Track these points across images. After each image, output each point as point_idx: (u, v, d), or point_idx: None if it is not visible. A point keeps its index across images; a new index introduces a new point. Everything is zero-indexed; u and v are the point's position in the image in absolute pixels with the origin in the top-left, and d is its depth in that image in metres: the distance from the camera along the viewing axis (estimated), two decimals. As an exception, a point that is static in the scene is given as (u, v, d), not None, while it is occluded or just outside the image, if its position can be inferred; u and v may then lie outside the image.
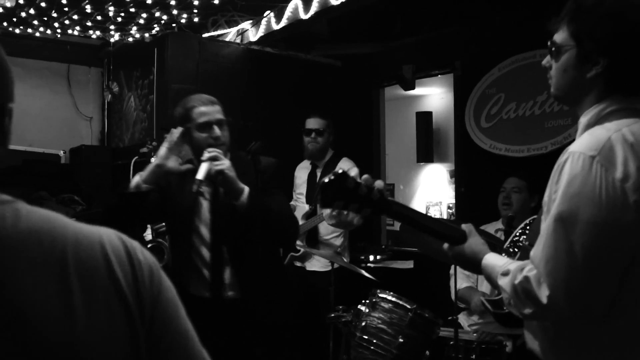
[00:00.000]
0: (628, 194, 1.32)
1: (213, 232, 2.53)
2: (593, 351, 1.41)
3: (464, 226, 1.66)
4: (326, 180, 1.54)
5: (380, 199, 1.58)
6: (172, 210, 2.59)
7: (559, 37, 1.52)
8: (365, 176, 1.57)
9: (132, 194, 2.42)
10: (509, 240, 1.85)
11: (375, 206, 1.57)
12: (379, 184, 1.58)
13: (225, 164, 2.36)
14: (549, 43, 1.55)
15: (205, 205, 2.56)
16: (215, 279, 2.50)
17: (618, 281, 1.35)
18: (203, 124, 2.49)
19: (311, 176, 4.19)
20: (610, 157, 1.35)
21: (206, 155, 2.37)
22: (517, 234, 1.90)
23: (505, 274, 1.48)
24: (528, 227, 1.86)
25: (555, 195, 1.39)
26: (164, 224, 3.82)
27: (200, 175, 2.31)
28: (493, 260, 1.57)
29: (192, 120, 2.51)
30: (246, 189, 2.40)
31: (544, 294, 1.36)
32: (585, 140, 1.41)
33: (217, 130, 2.49)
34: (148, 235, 3.96)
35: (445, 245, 1.69)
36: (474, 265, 1.62)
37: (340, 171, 1.55)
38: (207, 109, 2.52)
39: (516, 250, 1.75)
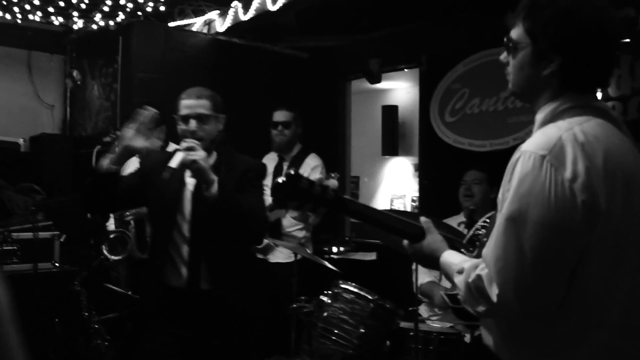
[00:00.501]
0: (576, 194, 1.32)
1: (193, 226, 2.55)
2: (544, 348, 1.42)
3: (423, 221, 1.66)
4: (279, 181, 1.54)
5: (336, 197, 1.58)
6: (156, 201, 2.61)
7: (515, 33, 1.52)
8: (318, 176, 1.58)
9: (102, 174, 2.45)
10: (470, 234, 1.84)
11: (331, 205, 1.58)
12: (332, 183, 1.60)
13: (199, 155, 2.38)
14: (505, 39, 1.56)
15: (188, 198, 2.58)
16: (192, 272, 2.52)
17: (566, 281, 1.37)
18: (184, 116, 2.57)
19: (277, 169, 4.18)
20: (560, 157, 1.35)
21: (183, 145, 2.42)
22: (478, 227, 1.92)
23: (460, 272, 1.48)
24: (487, 222, 1.88)
25: (508, 194, 1.39)
26: (128, 213, 3.79)
27: (174, 163, 2.34)
28: (450, 258, 1.57)
29: (178, 111, 2.60)
30: (217, 180, 2.41)
31: (494, 292, 1.37)
32: (537, 139, 1.42)
33: (192, 124, 2.54)
34: (111, 225, 3.91)
35: (405, 242, 1.69)
36: (433, 262, 1.62)
37: (292, 172, 1.56)
38: (190, 102, 2.59)
39: (476, 244, 1.74)
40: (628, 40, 3.46)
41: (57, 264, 3.89)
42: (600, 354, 1.39)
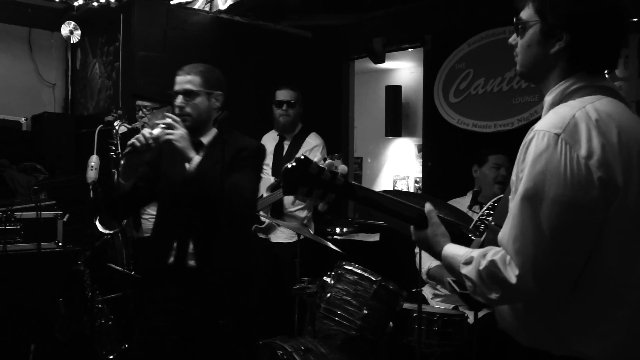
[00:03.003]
0: (592, 170, 1.33)
1: (182, 202, 2.55)
2: (564, 327, 1.43)
3: (426, 210, 1.64)
4: (288, 166, 1.52)
5: (345, 184, 1.56)
6: (163, 184, 2.61)
7: (525, 13, 1.52)
8: (328, 161, 1.57)
9: (125, 194, 2.45)
10: (476, 219, 1.83)
11: (340, 192, 1.56)
12: (342, 168, 1.58)
13: (175, 133, 2.38)
14: (514, 20, 1.55)
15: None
16: (180, 248, 2.53)
17: (584, 258, 1.37)
18: (174, 92, 2.58)
19: (278, 148, 4.16)
20: (575, 135, 1.35)
21: (164, 120, 2.42)
22: (485, 213, 1.90)
23: (468, 262, 1.47)
24: (496, 204, 1.83)
25: (522, 174, 1.39)
26: None
27: (146, 133, 2.35)
28: (453, 250, 1.56)
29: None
30: (196, 158, 2.40)
31: (512, 273, 1.36)
32: (550, 119, 1.41)
33: (178, 100, 2.55)
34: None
35: (411, 227, 1.68)
36: (435, 254, 1.63)
37: (302, 157, 1.53)
38: (180, 78, 2.58)
39: (482, 229, 1.74)
40: (636, 19, 3.42)
41: (60, 244, 3.89)
42: (620, 330, 1.40)
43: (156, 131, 2.40)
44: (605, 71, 1.54)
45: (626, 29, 1.51)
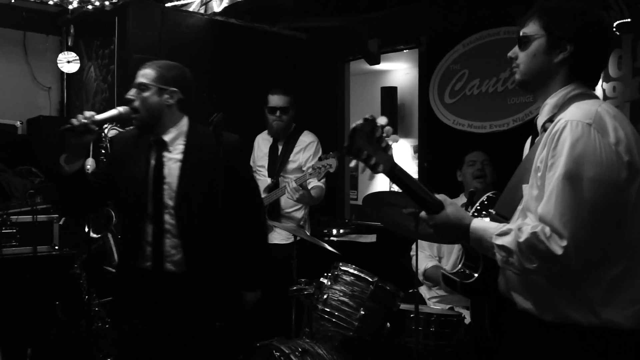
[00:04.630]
0: (622, 155, 1.56)
1: (154, 202, 2.52)
2: (592, 299, 1.59)
3: (439, 197, 1.76)
4: (357, 124, 1.54)
5: (391, 157, 1.63)
6: (126, 182, 2.57)
7: (529, 29, 1.76)
8: (387, 127, 1.62)
9: (65, 178, 2.43)
10: (473, 210, 1.97)
11: (388, 164, 1.62)
12: (394, 138, 1.66)
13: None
14: (520, 35, 1.77)
15: (152, 177, 2.55)
16: (156, 250, 2.50)
17: (613, 233, 1.58)
18: (132, 85, 2.58)
19: (272, 149, 4.16)
20: (603, 125, 1.58)
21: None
22: (477, 209, 1.95)
23: (504, 233, 1.62)
24: (486, 203, 1.98)
25: (554, 159, 1.58)
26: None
27: (86, 114, 2.39)
28: (483, 224, 1.70)
29: None
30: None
31: (557, 245, 1.53)
32: (577, 112, 1.62)
33: (130, 92, 2.53)
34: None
35: (423, 214, 1.78)
36: (460, 230, 1.71)
37: (369, 117, 1.56)
38: (138, 72, 2.58)
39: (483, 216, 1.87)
40: (629, 20, 3.43)
41: (56, 247, 3.89)
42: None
43: (102, 115, 2.40)
44: (596, 83, 1.80)
45: (612, 44, 1.80)
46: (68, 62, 5.16)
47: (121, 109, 2.49)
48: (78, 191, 2.50)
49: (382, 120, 1.59)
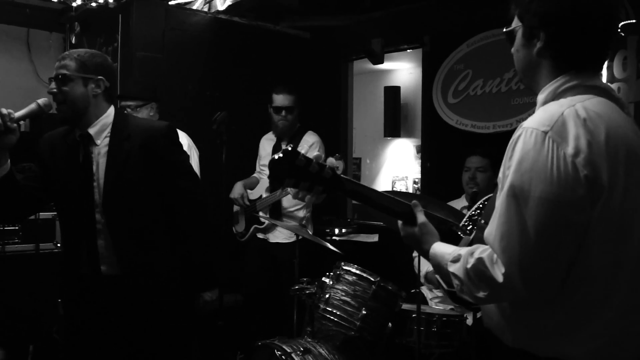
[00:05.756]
0: (579, 168, 1.33)
1: (85, 201, 2.41)
2: (548, 328, 1.42)
3: (413, 202, 1.65)
4: (275, 157, 1.51)
5: (333, 176, 1.55)
6: (58, 184, 2.46)
7: (513, 23, 1.58)
8: (316, 153, 1.55)
9: None
10: (466, 218, 1.82)
11: (328, 184, 1.55)
12: (331, 161, 1.56)
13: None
14: (504, 31, 1.61)
15: (80, 171, 2.44)
16: (91, 252, 2.41)
17: (569, 258, 1.36)
18: (49, 78, 2.46)
19: (276, 149, 4.16)
20: (562, 132, 1.35)
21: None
22: (475, 212, 1.90)
23: (456, 260, 1.48)
24: (486, 204, 1.85)
25: (509, 171, 1.39)
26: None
27: (4, 111, 2.27)
28: (441, 248, 1.56)
29: None
30: None
31: (499, 272, 1.35)
32: (539, 116, 1.42)
33: (50, 86, 2.43)
34: None
35: (399, 223, 1.69)
36: (422, 252, 1.63)
37: (289, 148, 1.52)
38: (55, 64, 2.44)
39: (473, 228, 1.73)
40: (634, 21, 3.42)
41: (58, 245, 3.89)
42: (604, 333, 1.39)
43: (20, 112, 2.29)
44: (597, 71, 1.55)
45: (610, 28, 1.52)
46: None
47: (40, 101, 2.35)
48: (8, 197, 2.36)
49: (304, 150, 1.55)
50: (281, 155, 1.50)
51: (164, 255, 2.49)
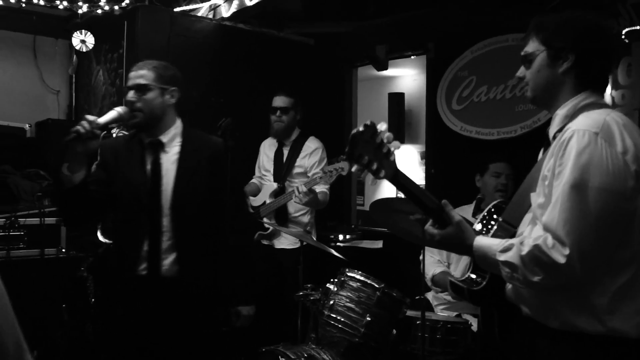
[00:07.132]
0: (629, 164, 1.56)
1: (152, 204, 2.49)
2: (599, 308, 1.58)
3: (443, 201, 1.77)
4: (357, 130, 1.53)
5: (395, 165, 1.61)
6: (123, 188, 2.52)
7: (530, 47, 1.78)
8: (387, 134, 1.60)
9: (68, 190, 2.38)
10: (479, 219, 1.95)
11: (389, 170, 1.60)
12: (396, 145, 1.62)
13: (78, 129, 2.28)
14: (522, 55, 1.79)
15: (149, 176, 2.52)
16: (152, 253, 2.47)
17: (618, 241, 1.57)
18: (126, 87, 2.54)
19: (278, 154, 4.17)
20: (610, 134, 1.58)
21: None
22: (485, 217, 1.96)
23: (507, 249, 1.63)
24: (492, 211, 1.97)
25: (561, 168, 1.59)
26: None
27: (90, 118, 2.33)
28: (486, 241, 1.71)
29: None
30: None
31: (559, 254, 1.52)
32: (585, 121, 1.62)
33: (129, 94, 2.50)
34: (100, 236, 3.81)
35: (428, 228, 1.79)
36: (463, 248, 1.73)
37: (369, 123, 1.55)
38: (133, 74, 2.54)
39: (490, 226, 1.88)
40: (638, 27, 3.42)
41: (63, 250, 3.90)
42: None
43: (103, 118, 2.36)
44: (604, 91, 1.79)
45: (615, 54, 1.80)
46: (82, 42, 5.15)
47: (120, 109, 2.44)
48: (81, 202, 2.43)
49: (382, 127, 1.58)
50: (362, 129, 1.54)
51: (213, 263, 2.58)
